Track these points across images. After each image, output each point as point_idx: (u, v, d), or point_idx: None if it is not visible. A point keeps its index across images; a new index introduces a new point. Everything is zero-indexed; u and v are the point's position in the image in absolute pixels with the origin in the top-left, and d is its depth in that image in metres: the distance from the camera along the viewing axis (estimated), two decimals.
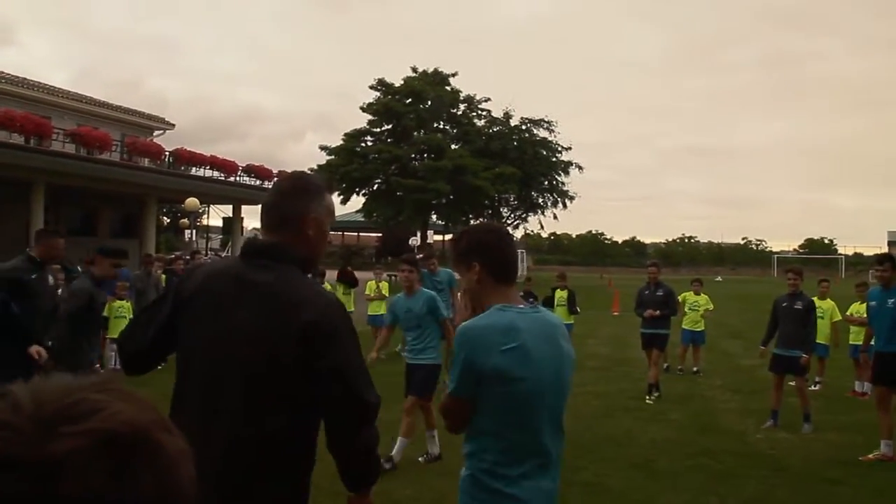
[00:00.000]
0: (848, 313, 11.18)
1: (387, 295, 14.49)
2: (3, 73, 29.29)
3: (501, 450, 2.48)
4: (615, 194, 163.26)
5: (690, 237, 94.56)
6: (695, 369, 12.43)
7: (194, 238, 37.48)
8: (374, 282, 14.57)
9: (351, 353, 2.23)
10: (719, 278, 61.70)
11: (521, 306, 2.58)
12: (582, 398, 9.50)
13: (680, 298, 11.86)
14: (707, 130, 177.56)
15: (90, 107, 30.83)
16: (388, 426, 8.37)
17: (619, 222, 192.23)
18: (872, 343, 7.69)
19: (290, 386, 2.15)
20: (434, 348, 6.92)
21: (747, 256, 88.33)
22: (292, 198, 2.34)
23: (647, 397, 9.92)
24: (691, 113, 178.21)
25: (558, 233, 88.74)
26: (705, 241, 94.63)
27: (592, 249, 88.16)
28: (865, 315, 10.46)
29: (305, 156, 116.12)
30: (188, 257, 15.44)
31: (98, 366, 9.28)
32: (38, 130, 21.54)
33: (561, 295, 12.88)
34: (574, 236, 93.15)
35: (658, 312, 10.12)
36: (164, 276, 12.82)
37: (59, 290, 7.28)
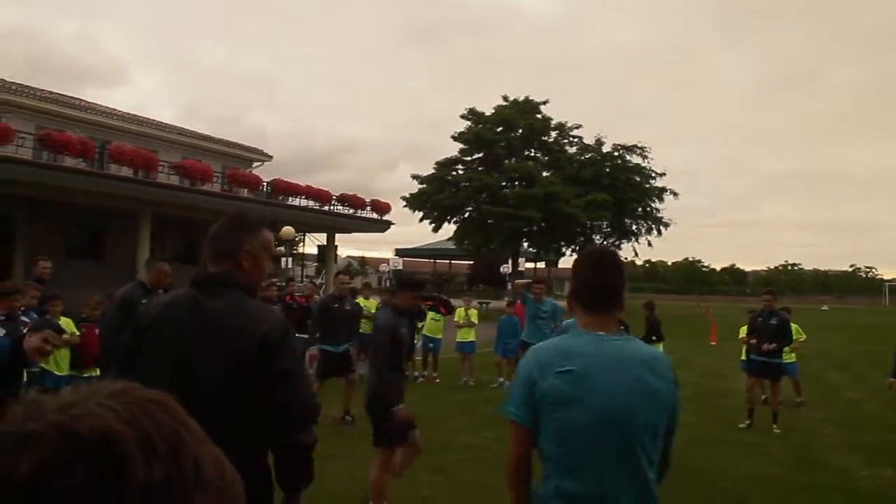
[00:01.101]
0: None
1: (475, 322, 14.50)
2: (116, 110, 31.08)
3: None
4: (712, 220, 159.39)
5: (794, 264, 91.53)
6: (798, 400, 11.87)
7: (290, 265, 38.50)
8: (462, 309, 14.58)
9: (296, 361, 2.44)
10: (825, 307, 59.18)
11: (601, 333, 2.42)
12: None
13: None
14: (806, 154, 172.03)
15: (194, 140, 32.27)
16: (477, 450, 8.40)
17: (717, 249, 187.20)
18: None
19: (254, 404, 2.30)
20: None
21: (855, 284, 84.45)
22: (228, 232, 2.55)
23: (748, 421, 10.02)
24: (790, 137, 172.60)
25: (653, 260, 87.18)
26: (810, 268, 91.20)
27: (689, 277, 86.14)
28: None
29: (398, 184, 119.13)
30: (283, 284, 15.83)
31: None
32: (146, 164, 22.72)
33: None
34: (670, 263, 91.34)
35: (774, 345, 9.91)
36: None
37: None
